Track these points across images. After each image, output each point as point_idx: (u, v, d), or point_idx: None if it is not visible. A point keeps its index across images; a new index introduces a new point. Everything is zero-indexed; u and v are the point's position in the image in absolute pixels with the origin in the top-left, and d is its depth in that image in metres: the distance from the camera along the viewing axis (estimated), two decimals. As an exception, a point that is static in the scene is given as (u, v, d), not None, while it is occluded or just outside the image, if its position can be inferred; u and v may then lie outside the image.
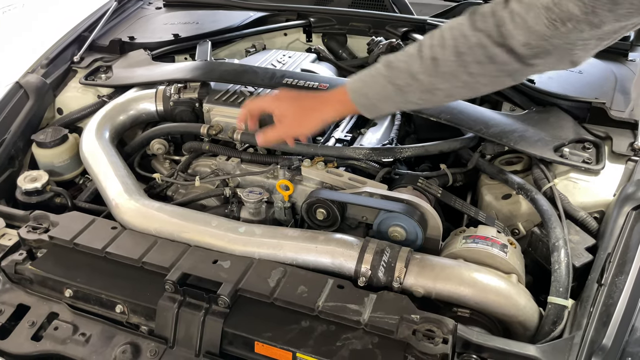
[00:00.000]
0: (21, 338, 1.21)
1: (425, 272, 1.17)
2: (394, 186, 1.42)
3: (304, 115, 1.22)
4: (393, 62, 1.11)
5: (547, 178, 1.37)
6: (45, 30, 4.39)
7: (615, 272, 1.12)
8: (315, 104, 1.22)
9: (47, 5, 5.76)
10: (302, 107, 1.23)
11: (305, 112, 1.22)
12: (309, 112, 1.21)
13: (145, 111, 1.77)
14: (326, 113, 1.21)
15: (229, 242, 1.29)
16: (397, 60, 1.10)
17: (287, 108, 1.24)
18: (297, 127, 1.25)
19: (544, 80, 1.62)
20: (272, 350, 1.11)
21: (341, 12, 2.19)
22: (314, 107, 1.21)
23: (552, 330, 1.11)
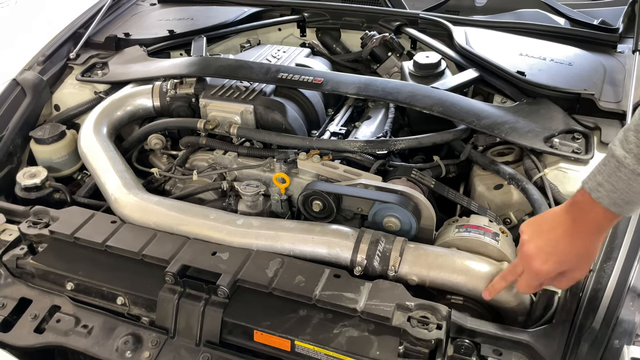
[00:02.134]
0: (24, 331, 1.24)
1: (419, 260, 1.20)
2: (388, 178, 1.45)
3: (576, 266, 1.01)
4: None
5: (537, 168, 1.40)
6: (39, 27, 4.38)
7: (604, 258, 1.15)
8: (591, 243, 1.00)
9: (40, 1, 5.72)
10: (584, 255, 1.00)
11: (586, 256, 1.01)
12: (588, 254, 1.01)
13: (142, 107, 1.78)
14: (591, 242, 0.99)
15: (227, 234, 1.32)
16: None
17: (550, 271, 1.02)
18: (576, 277, 1.03)
19: (534, 72, 1.65)
20: (271, 339, 1.14)
21: (335, 7, 2.20)
22: (593, 246, 1.00)
23: (543, 315, 1.14)
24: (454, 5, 2.22)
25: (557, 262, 1.00)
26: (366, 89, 1.57)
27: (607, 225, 0.98)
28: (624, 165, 0.90)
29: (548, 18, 2.03)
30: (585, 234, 0.98)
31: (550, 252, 1.00)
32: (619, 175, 0.91)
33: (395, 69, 1.99)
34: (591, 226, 0.98)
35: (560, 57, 1.74)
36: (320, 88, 1.60)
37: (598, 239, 0.99)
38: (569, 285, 1.06)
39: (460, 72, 1.74)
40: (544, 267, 1.01)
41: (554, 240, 1.00)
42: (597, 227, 0.97)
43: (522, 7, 2.12)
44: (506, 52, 1.78)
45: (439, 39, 1.94)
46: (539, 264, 1.01)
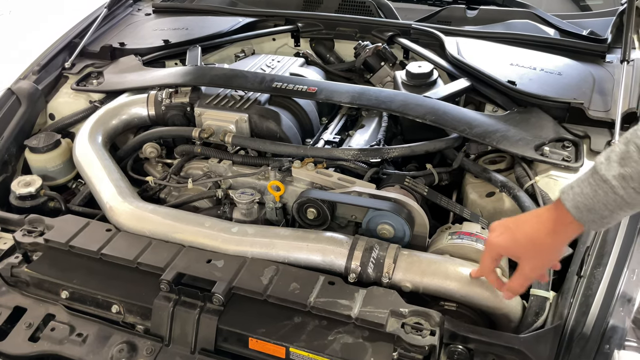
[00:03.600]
0: (19, 339, 1.23)
1: (413, 267, 1.22)
2: (381, 185, 1.47)
3: (539, 253, 1.03)
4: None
5: (528, 176, 1.42)
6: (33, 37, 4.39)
7: (594, 264, 1.17)
8: (539, 236, 1.02)
9: (34, 12, 5.74)
10: (530, 245, 1.03)
11: (538, 250, 1.03)
12: (541, 248, 1.02)
13: (137, 116, 1.79)
14: (555, 241, 1.01)
15: (222, 242, 1.32)
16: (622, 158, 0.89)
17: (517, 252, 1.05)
18: (540, 266, 1.06)
19: (525, 82, 1.67)
20: (266, 346, 1.15)
21: (328, 18, 2.23)
22: (540, 242, 1.02)
23: (535, 321, 1.16)
24: (446, 16, 2.25)
25: (510, 238, 1.04)
26: (359, 98, 1.58)
27: (566, 230, 0.98)
28: (597, 171, 0.91)
29: (538, 29, 2.06)
30: (545, 229, 1.00)
31: (508, 228, 1.05)
32: (589, 181, 0.92)
33: (388, 78, 2.02)
34: (551, 225, 0.99)
35: (550, 67, 1.77)
36: (314, 97, 1.62)
37: (555, 239, 1.00)
38: (520, 282, 1.06)
39: (452, 82, 1.76)
40: (497, 239, 1.06)
41: (517, 221, 1.05)
42: (556, 227, 0.99)
43: (512, 18, 2.16)
44: (497, 62, 1.80)
45: (431, 49, 1.97)
46: (494, 236, 1.07)
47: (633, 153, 0.86)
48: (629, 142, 0.88)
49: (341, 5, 2.35)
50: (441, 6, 2.37)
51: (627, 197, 0.88)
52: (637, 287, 1.12)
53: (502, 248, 1.06)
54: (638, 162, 0.86)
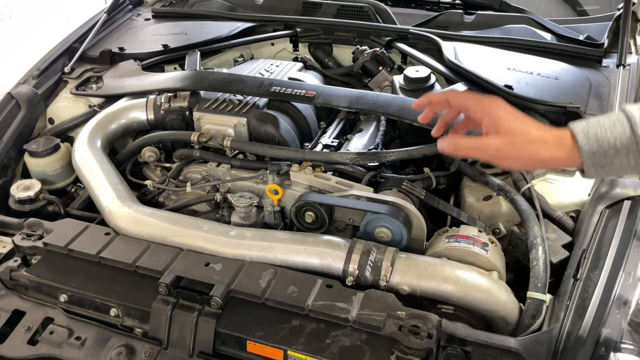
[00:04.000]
0: (17, 342, 1.24)
1: (410, 270, 1.22)
2: (379, 189, 1.47)
3: (520, 145, 0.93)
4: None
5: (525, 179, 1.43)
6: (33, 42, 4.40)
7: (590, 267, 1.17)
8: (535, 136, 0.93)
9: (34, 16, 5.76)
10: (521, 132, 0.94)
11: (522, 141, 0.93)
12: (526, 143, 0.92)
13: (136, 120, 1.80)
14: (542, 151, 0.92)
15: (221, 245, 1.33)
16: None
17: (504, 125, 0.95)
18: (507, 155, 0.95)
19: (521, 86, 1.68)
20: (264, 349, 1.15)
21: (327, 23, 2.24)
22: (532, 139, 0.92)
23: (532, 323, 1.16)
24: (444, 21, 2.26)
25: (507, 114, 0.95)
26: (357, 102, 1.59)
27: (557, 149, 0.90)
28: (625, 108, 0.86)
29: (535, 33, 2.07)
30: (541, 137, 0.92)
31: (515, 111, 0.96)
32: (610, 116, 0.87)
33: (386, 82, 2.03)
34: (549, 139, 0.91)
35: (546, 71, 1.78)
36: (313, 101, 1.63)
37: (541, 153, 0.92)
38: (471, 145, 0.98)
39: (450, 86, 1.77)
40: (497, 104, 0.97)
41: (523, 115, 0.97)
42: (551, 143, 0.91)
43: (509, 23, 2.17)
44: (494, 66, 1.81)
45: (429, 53, 1.98)
46: (497, 100, 0.98)
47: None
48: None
49: (339, 11, 2.36)
50: (439, 11, 2.39)
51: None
52: (633, 290, 1.13)
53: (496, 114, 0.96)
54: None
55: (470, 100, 1.02)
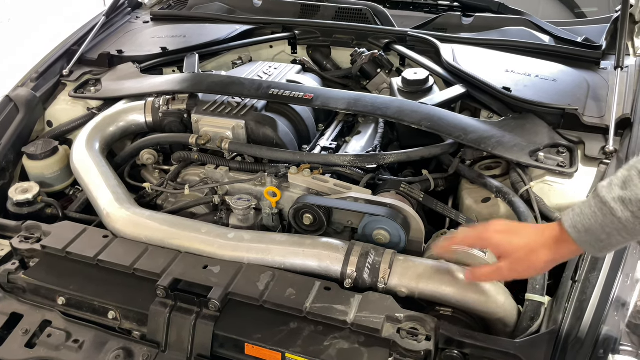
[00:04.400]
0: (15, 345, 1.24)
1: (408, 272, 1.22)
2: (377, 191, 1.47)
3: (526, 259, 1.04)
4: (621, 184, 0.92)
5: (523, 181, 1.43)
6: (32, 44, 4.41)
7: (588, 269, 1.17)
8: (533, 244, 1.03)
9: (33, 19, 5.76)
10: (521, 247, 1.04)
11: (526, 255, 1.04)
12: (530, 254, 1.03)
13: (135, 122, 1.80)
14: (546, 255, 1.02)
15: (219, 247, 1.33)
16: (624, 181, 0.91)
17: (506, 249, 1.06)
18: (520, 271, 1.06)
19: (520, 88, 1.68)
20: (262, 352, 1.15)
21: (325, 25, 2.24)
22: (533, 248, 1.03)
23: (530, 326, 1.16)
24: (442, 23, 2.26)
25: (507, 237, 1.06)
26: (356, 105, 1.60)
27: (560, 248, 1.00)
28: (598, 193, 0.94)
29: (533, 36, 2.07)
30: (542, 242, 1.02)
31: (510, 229, 1.07)
32: (590, 203, 0.95)
33: (385, 85, 2.03)
34: (550, 240, 1.01)
35: (545, 73, 1.78)
36: (311, 104, 1.63)
37: (549, 254, 1.01)
38: (489, 273, 1.10)
39: (448, 88, 1.78)
40: (495, 234, 1.07)
41: (520, 227, 1.09)
42: (553, 243, 1.01)
43: (507, 25, 2.17)
44: (492, 68, 1.82)
45: (427, 56, 1.98)
46: (494, 229, 1.08)
47: (634, 178, 0.89)
48: (632, 167, 0.91)
49: (338, 13, 2.36)
50: (437, 14, 2.39)
51: (625, 221, 0.90)
52: (631, 292, 1.13)
53: (494, 241, 1.08)
54: (638, 185, 0.89)
55: (473, 240, 1.15)
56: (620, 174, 0.92)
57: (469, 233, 1.14)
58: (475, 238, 1.13)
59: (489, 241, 1.09)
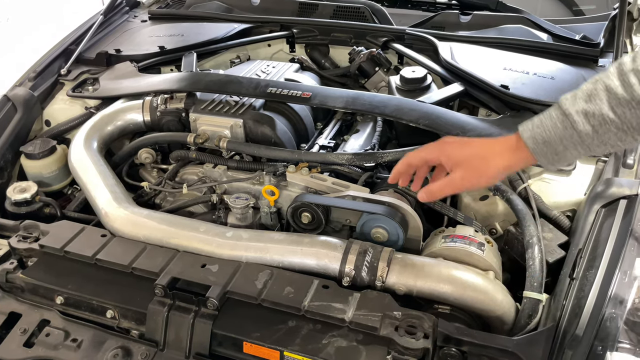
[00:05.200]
0: (13, 345, 1.23)
1: (406, 270, 1.22)
2: (376, 189, 1.47)
3: (478, 166, 1.03)
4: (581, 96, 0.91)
5: (521, 179, 1.43)
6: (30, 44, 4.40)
7: (586, 266, 1.17)
8: (486, 152, 1.03)
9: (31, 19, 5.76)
10: (473, 155, 1.03)
11: (478, 162, 1.03)
12: (482, 162, 1.02)
13: (133, 121, 1.80)
14: (499, 162, 1.01)
15: (217, 246, 1.33)
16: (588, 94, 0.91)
17: (458, 157, 1.05)
18: (472, 179, 1.05)
19: (517, 86, 1.68)
20: (260, 350, 1.15)
21: (323, 23, 2.24)
22: (485, 156, 1.02)
23: (528, 323, 1.16)
24: (440, 22, 2.26)
25: (458, 145, 1.06)
26: (354, 103, 1.60)
27: (514, 156, 0.99)
28: (561, 105, 0.93)
29: (531, 33, 2.07)
30: (497, 149, 1.01)
31: (462, 140, 1.08)
32: (551, 114, 0.94)
33: (383, 83, 2.03)
34: (504, 148, 1.00)
35: (543, 71, 1.78)
36: (309, 102, 1.63)
37: (502, 161, 1.01)
38: (442, 186, 1.08)
39: (446, 86, 1.78)
40: (447, 140, 1.09)
41: (472, 140, 1.08)
42: (507, 151, 0.99)
43: (505, 23, 2.17)
44: (490, 66, 1.82)
45: (425, 54, 1.98)
46: (446, 138, 1.10)
47: (600, 92, 0.88)
48: (598, 81, 0.90)
49: (336, 11, 2.36)
50: (435, 12, 2.39)
51: (585, 135, 0.90)
52: (629, 289, 1.13)
53: (446, 154, 1.07)
54: (603, 100, 0.88)
55: (425, 153, 1.13)
56: (586, 87, 0.91)
57: (425, 146, 1.12)
58: (427, 151, 1.12)
59: (441, 153, 1.08)
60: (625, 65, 0.88)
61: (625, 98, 0.87)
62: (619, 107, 0.87)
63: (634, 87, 0.86)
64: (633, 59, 0.88)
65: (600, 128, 0.89)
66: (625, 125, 0.88)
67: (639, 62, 0.87)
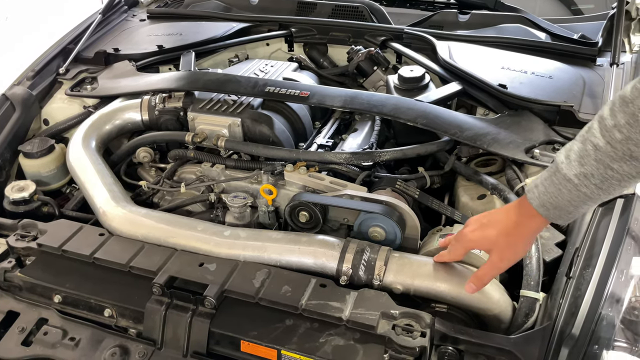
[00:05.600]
0: (11, 343, 1.24)
1: (403, 269, 1.22)
2: (373, 188, 1.47)
3: (509, 245, 1.08)
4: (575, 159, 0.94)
5: (519, 178, 1.43)
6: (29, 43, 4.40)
7: (583, 265, 1.18)
8: (508, 229, 1.07)
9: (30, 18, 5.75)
10: (499, 237, 1.09)
11: (507, 240, 1.08)
12: (510, 239, 1.08)
13: (131, 120, 1.80)
14: (525, 232, 1.07)
15: (215, 245, 1.33)
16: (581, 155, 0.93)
17: (486, 245, 1.12)
18: (509, 256, 1.10)
19: (515, 85, 1.69)
20: (257, 349, 1.15)
21: (322, 23, 2.24)
22: (509, 232, 1.07)
23: (525, 322, 1.17)
24: (438, 21, 2.26)
25: (481, 233, 1.11)
26: (352, 102, 1.60)
27: (533, 225, 1.05)
28: (559, 170, 0.96)
29: (529, 33, 2.07)
30: (513, 224, 1.06)
31: (482, 224, 1.12)
32: (552, 180, 0.97)
33: (381, 82, 2.03)
34: (520, 220, 1.05)
35: (541, 70, 1.79)
36: (307, 101, 1.63)
37: (522, 232, 1.06)
38: (487, 271, 1.12)
39: (444, 86, 1.78)
40: (470, 234, 1.13)
41: (489, 217, 1.12)
42: (523, 221, 1.05)
43: (504, 22, 2.17)
44: (488, 65, 1.82)
45: (424, 53, 1.98)
46: (468, 230, 1.14)
47: (590, 152, 0.91)
48: (586, 140, 0.92)
49: (334, 10, 2.36)
50: (433, 11, 2.39)
51: (590, 193, 0.93)
52: (625, 288, 1.13)
53: (474, 242, 1.14)
54: (596, 159, 0.91)
55: (459, 251, 1.18)
56: (577, 148, 0.94)
57: (453, 248, 1.18)
58: (460, 248, 1.17)
59: (470, 244, 1.15)
60: (607, 122, 0.90)
61: (617, 154, 0.89)
62: (615, 163, 0.90)
63: (622, 143, 0.88)
64: (611, 113, 0.90)
65: (603, 184, 0.92)
66: (626, 177, 0.91)
67: (619, 118, 0.88)
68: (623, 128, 0.88)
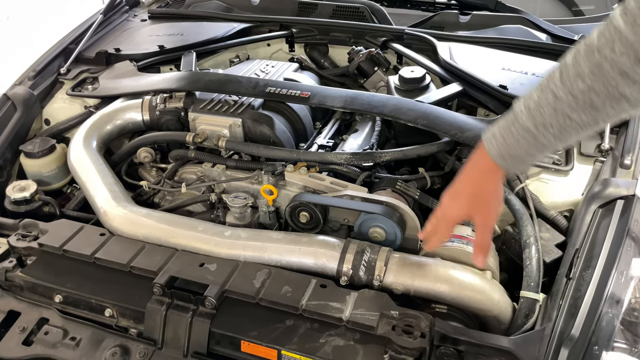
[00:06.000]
0: (12, 343, 1.24)
1: (404, 270, 1.23)
2: (374, 189, 1.48)
3: (480, 202, 1.09)
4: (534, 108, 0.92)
5: (519, 179, 1.43)
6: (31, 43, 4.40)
7: (583, 266, 1.18)
8: (472, 188, 1.09)
9: (31, 18, 5.76)
10: (468, 197, 1.09)
11: (475, 199, 1.09)
12: (477, 197, 1.08)
13: (132, 121, 1.80)
14: (488, 188, 1.07)
15: (215, 245, 1.33)
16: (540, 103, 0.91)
17: (461, 211, 1.11)
18: (487, 212, 1.10)
19: (516, 86, 1.68)
20: (258, 349, 1.15)
21: (322, 23, 2.25)
22: (474, 193, 1.08)
23: (525, 323, 1.17)
24: (439, 21, 2.26)
25: (456, 206, 1.10)
26: (352, 103, 1.60)
27: (495, 176, 1.05)
28: (517, 119, 0.94)
29: (530, 34, 2.07)
30: (477, 183, 1.07)
31: (451, 196, 1.12)
32: (511, 130, 0.96)
33: (382, 83, 2.03)
34: (483, 172, 1.05)
35: (541, 71, 1.78)
36: (308, 102, 1.63)
37: (488, 187, 1.06)
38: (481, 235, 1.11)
39: (445, 86, 1.78)
40: (447, 211, 1.12)
41: (455, 188, 1.11)
42: (487, 174, 1.05)
43: (504, 23, 2.17)
44: (489, 66, 1.82)
45: (424, 54, 1.98)
46: (442, 208, 1.13)
47: (550, 100, 0.89)
48: (545, 89, 0.90)
49: (335, 11, 2.36)
50: (434, 12, 2.39)
51: (547, 143, 0.93)
52: (625, 289, 1.13)
53: (452, 217, 1.12)
54: (555, 109, 0.89)
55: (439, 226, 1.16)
56: (536, 97, 0.91)
57: (437, 230, 1.16)
58: (443, 227, 1.15)
59: (449, 217, 1.13)
60: (569, 70, 0.86)
61: (578, 104, 0.86)
62: (574, 112, 0.87)
63: (584, 93, 0.84)
64: (575, 61, 0.85)
65: (561, 134, 0.91)
66: (584, 126, 0.89)
67: (583, 67, 0.84)
68: (586, 77, 0.83)
